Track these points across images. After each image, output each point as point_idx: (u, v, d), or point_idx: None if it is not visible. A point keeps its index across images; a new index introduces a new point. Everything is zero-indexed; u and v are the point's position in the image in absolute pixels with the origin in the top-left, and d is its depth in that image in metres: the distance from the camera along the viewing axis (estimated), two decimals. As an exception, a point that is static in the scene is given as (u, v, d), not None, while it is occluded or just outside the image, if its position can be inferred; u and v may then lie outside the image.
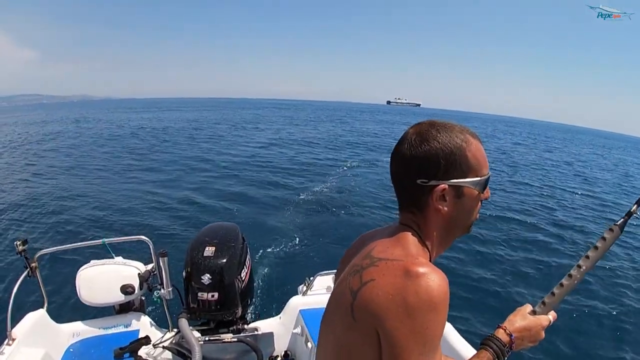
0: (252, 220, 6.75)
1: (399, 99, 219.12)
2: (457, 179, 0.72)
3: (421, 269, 0.64)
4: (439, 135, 0.72)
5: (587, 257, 0.86)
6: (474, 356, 0.78)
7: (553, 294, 0.86)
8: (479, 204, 0.78)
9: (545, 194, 10.95)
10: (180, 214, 7.11)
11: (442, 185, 0.71)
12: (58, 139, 18.90)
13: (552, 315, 0.84)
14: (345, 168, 12.62)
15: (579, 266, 0.86)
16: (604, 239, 0.86)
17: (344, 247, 0.90)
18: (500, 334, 0.80)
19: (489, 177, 0.76)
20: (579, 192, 11.76)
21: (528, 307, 0.86)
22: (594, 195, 11.66)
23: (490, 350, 0.78)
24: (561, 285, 0.86)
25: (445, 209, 0.73)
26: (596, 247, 0.86)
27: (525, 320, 0.82)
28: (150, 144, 16.79)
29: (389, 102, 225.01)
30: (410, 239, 0.75)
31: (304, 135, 22.28)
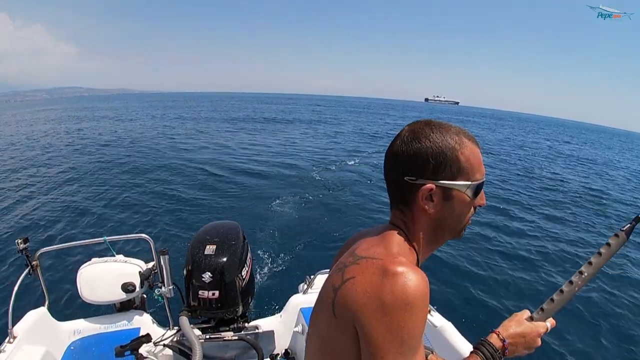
0: (254, 219, 6.75)
1: (437, 96, 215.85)
2: (446, 180, 0.71)
3: (398, 268, 0.64)
4: (432, 134, 0.71)
5: (590, 263, 0.83)
6: None
7: (552, 300, 0.84)
8: (471, 209, 0.76)
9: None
10: (182, 212, 7.11)
11: (430, 185, 0.71)
12: (73, 135, 18.99)
13: (550, 323, 0.82)
14: (355, 163, 12.65)
15: (581, 272, 0.83)
16: (608, 245, 0.83)
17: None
18: (493, 339, 0.78)
19: (482, 183, 0.74)
20: None
21: (525, 313, 0.84)
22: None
23: (481, 354, 0.76)
24: (561, 291, 0.83)
25: (432, 210, 0.73)
26: (600, 254, 0.83)
27: (521, 326, 0.80)
28: (166, 139, 16.87)
29: (427, 100, 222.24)
30: (394, 238, 0.74)
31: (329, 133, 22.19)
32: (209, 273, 1.94)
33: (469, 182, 0.72)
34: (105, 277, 2.08)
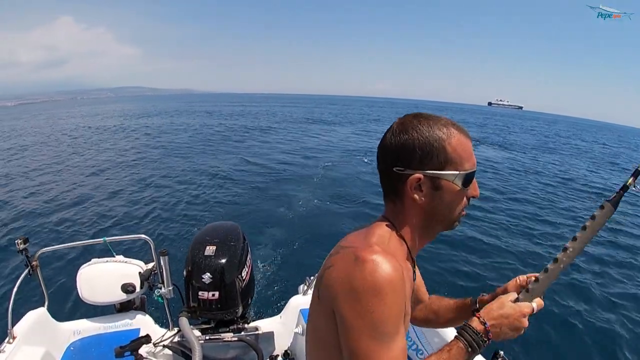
0: (254, 220, 6.75)
1: (500, 100, 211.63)
2: (434, 169, 0.73)
3: (369, 256, 0.67)
4: (419, 125, 0.74)
5: (575, 239, 0.78)
6: (444, 346, 0.75)
7: (537, 279, 0.81)
8: (463, 200, 0.77)
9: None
10: (182, 213, 7.11)
11: (418, 174, 0.73)
12: (104, 134, 19.13)
13: (536, 303, 0.80)
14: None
15: (565, 249, 0.79)
16: (593, 217, 0.77)
17: None
18: (475, 322, 0.76)
19: (472, 173, 0.75)
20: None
21: (511, 295, 0.82)
22: None
23: (462, 339, 0.75)
24: (546, 270, 0.80)
25: (422, 199, 0.75)
26: (585, 228, 0.78)
27: (503, 307, 0.78)
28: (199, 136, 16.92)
29: (490, 104, 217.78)
30: (378, 230, 0.77)
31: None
32: (209, 274, 1.94)
33: (457, 172, 0.73)
34: (105, 277, 2.08)
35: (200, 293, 1.95)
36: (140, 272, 2.10)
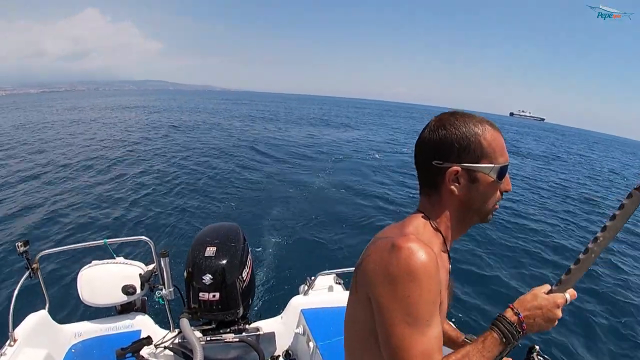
0: (254, 220, 6.75)
1: (522, 111, 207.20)
2: (470, 162, 0.76)
3: (404, 243, 0.70)
4: (456, 122, 0.78)
5: (605, 228, 0.78)
6: (479, 337, 0.76)
7: (570, 271, 0.81)
8: (497, 193, 0.81)
9: None
10: (182, 214, 7.10)
11: (456, 167, 0.77)
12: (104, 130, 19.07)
13: (569, 293, 0.80)
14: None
15: (596, 239, 0.79)
16: (622, 206, 0.77)
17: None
18: (509, 313, 0.77)
19: (505, 166, 0.79)
20: None
21: (545, 287, 0.82)
22: None
23: (497, 330, 0.75)
24: (578, 261, 0.81)
25: (460, 191, 0.78)
26: (614, 217, 0.78)
27: (537, 299, 0.78)
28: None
29: (512, 114, 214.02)
30: (414, 221, 0.81)
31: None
32: (210, 275, 1.94)
33: (492, 165, 0.77)
34: (105, 279, 2.08)
35: (201, 294, 1.96)
36: (140, 274, 2.10)
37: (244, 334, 2.08)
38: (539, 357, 0.92)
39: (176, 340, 2.05)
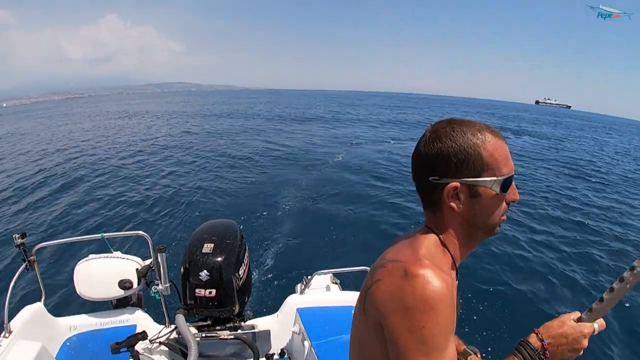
0: (251, 217, 6.74)
1: (548, 99, 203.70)
2: (470, 177, 0.71)
3: (420, 271, 0.66)
4: (453, 133, 0.71)
5: None
6: None
7: (602, 300, 0.77)
8: (502, 204, 0.75)
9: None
10: (181, 210, 7.10)
11: (454, 183, 0.71)
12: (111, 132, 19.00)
13: (598, 324, 0.76)
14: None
15: (633, 268, 0.74)
16: None
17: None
18: (532, 339, 0.75)
19: (510, 177, 0.72)
20: None
21: (575, 314, 0.78)
22: None
23: (519, 355, 0.74)
24: (611, 290, 0.76)
25: (461, 207, 0.73)
26: None
27: (563, 326, 0.75)
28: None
29: (537, 102, 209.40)
30: (425, 241, 0.75)
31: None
32: (206, 271, 1.94)
33: (495, 178, 0.71)
34: (102, 273, 2.08)
35: (197, 290, 1.96)
36: (137, 269, 2.10)
37: (239, 331, 2.08)
38: None
39: (171, 336, 2.05)
